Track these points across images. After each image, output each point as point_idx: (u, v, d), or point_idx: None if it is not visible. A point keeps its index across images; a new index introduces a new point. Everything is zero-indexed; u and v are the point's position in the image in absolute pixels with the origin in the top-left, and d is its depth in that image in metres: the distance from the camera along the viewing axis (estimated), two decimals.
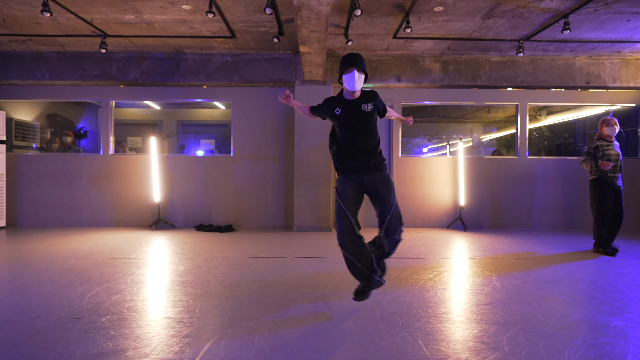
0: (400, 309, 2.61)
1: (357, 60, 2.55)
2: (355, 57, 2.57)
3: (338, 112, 2.61)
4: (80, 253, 4.26)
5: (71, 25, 4.88)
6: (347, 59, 2.56)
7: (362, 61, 2.57)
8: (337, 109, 2.62)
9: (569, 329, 2.31)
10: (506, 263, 3.96)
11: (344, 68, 2.56)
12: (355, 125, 2.61)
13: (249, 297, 2.84)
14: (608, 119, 4.46)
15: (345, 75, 2.56)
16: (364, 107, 2.60)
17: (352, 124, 2.60)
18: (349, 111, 2.60)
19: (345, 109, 2.61)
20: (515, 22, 4.76)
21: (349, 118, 2.60)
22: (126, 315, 2.45)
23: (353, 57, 2.56)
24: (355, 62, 2.54)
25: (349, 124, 2.61)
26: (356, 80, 2.53)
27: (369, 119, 2.61)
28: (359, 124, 2.60)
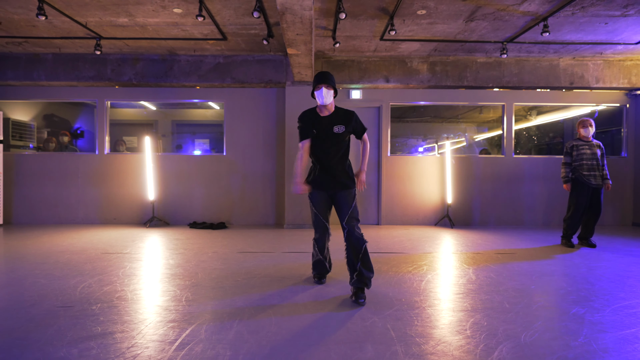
0: (376, 298, 2.76)
1: (325, 77, 2.79)
2: (324, 75, 2.81)
3: (313, 133, 2.86)
4: (74, 249, 4.40)
5: (66, 28, 5.02)
6: (317, 77, 2.81)
7: (330, 78, 2.80)
8: (313, 130, 2.85)
9: (531, 315, 2.46)
10: (485, 257, 4.11)
11: (314, 85, 2.81)
12: (327, 144, 2.84)
13: (233, 287, 2.98)
14: (584, 120, 4.65)
15: (316, 92, 2.83)
16: (336, 129, 2.82)
17: (324, 143, 2.85)
18: (321, 131, 2.84)
19: (318, 129, 2.84)
20: (497, 24, 4.91)
21: (321, 137, 2.85)
22: (116, 304, 2.59)
23: (322, 75, 2.81)
24: (324, 80, 2.78)
25: (321, 143, 2.86)
26: (324, 96, 2.77)
27: (338, 140, 2.83)
28: (330, 144, 2.84)
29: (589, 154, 4.57)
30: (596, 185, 4.58)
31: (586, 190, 4.61)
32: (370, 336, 2.12)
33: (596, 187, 4.60)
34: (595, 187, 4.59)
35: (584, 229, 4.73)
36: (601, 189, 4.62)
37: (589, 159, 4.56)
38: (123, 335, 2.10)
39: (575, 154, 4.62)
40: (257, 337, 2.09)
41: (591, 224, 4.68)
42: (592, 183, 4.58)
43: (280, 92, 6.43)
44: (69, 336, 2.09)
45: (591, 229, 4.70)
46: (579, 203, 4.61)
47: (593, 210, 4.66)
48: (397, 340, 2.08)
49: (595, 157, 4.57)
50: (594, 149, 4.61)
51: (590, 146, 4.62)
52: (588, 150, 4.59)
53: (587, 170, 4.57)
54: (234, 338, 2.08)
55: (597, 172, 4.57)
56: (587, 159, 4.56)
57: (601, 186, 4.61)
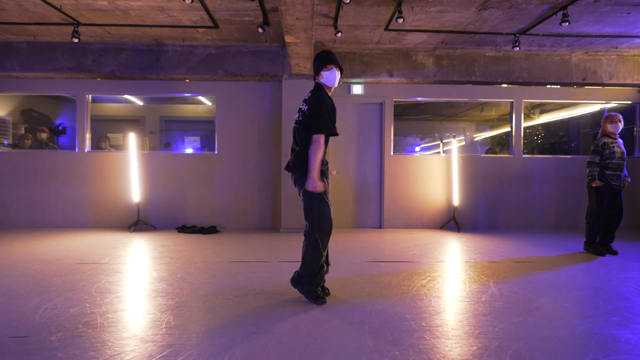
0: (391, 321, 2.35)
1: (335, 58, 2.59)
2: (333, 55, 2.60)
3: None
4: (46, 257, 3.93)
5: (39, 12, 4.53)
6: (327, 56, 2.55)
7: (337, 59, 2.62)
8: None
9: (577, 344, 2.08)
10: (503, 267, 3.74)
11: (324, 64, 2.54)
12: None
13: (223, 308, 2.56)
14: (612, 115, 4.29)
15: (327, 73, 2.53)
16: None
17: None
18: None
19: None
20: (512, 13, 4.54)
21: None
22: (81, 332, 2.16)
23: (332, 54, 2.58)
24: (336, 60, 2.57)
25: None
26: (336, 78, 2.59)
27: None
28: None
29: (620, 153, 4.23)
30: (616, 185, 4.24)
31: (608, 192, 4.28)
32: None
33: (617, 189, 4.27)
34: (616, 187, 4.25)
35: (605, 235, 4.37)
36: (621, 190, 4.29)
37: (619, 158, 4.22)
38: None
39: (608, 152, 4.25)
40: None
41: (614, 229, 4.33)
42: (612, 184, 4.25)
43: (276, 86, 5.99)
44: None
45: (612, 235, 4.36)
46: (603, 205, 4.26)
47: (614, 213, 4.32)
48: None
49: (622, 155, 4.24)
50: (621, 147, 4.29)
51: (618, 144, 4.29)
52: (618, 148, 4.25)
53: (612, 170, 4.23)
54: None
55: (621, 172, 4.25)
56: (617, 158, 4.22)
57: (621, 187, 4.27)
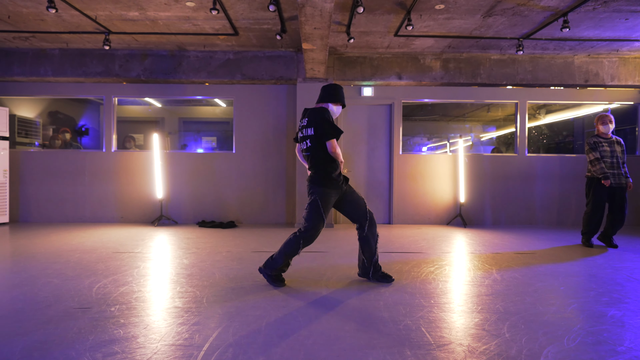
0: (403, 299, 2.66)
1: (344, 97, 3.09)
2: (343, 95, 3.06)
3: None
4: (84, 247, 4.30)
5: (75, 22, 4.92)
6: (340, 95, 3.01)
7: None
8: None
9: (568, 318, 2.37)
10: (506, 258, 4.02)
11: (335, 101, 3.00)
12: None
13: (254, 288, 2.89)
14: (603, 116, 4.51)
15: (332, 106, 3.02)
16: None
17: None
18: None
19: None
20: (515, 20, 4.81)
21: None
22: (135, 305, 2.50)
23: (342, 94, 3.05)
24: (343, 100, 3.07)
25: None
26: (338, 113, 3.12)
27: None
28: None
29: (608, 152, 4.44)
30: (616, 184, 4.44)
31: (605, 189, 4.48)
32: (407, 341, 2.02)
33: (617, 187, 4.46)
34: (616, 186, 4.45)
35: (606, 229, 4.57)
36: (624, 189, 4.46)
37: (608, 156, 4.44)
38: (146, 339, 2.01)
39: (600, 150, 4.49)
40: (289, 341, 2.00)
41: (615, 226, 4.51)
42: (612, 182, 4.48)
43: (290, 89, 6.33)
44: (91, 340, 1.99)
45: (614, 231, 4.56)
46: (597, 202, 4.49)
47: (615, 213, 4.49)
48: (435, 345, 1.98)
49: (615, 154, 4.45)
50: (613, 146, 4.48)
51: (609, 143, 4.50)
52: (607, 147, 4.47)
53: (607, 169, 4.46)
54: (264, 342, 1.98)
55: (616, 170, 4.44)
56: (606, 157, 4.44)
57: (623, 185, 4.45)
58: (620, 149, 4.50)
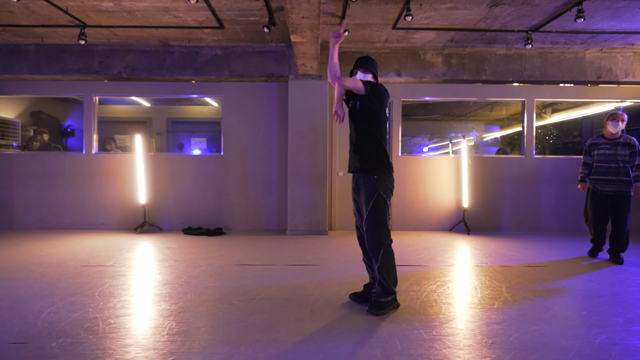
0: (400, 330, 2.27)
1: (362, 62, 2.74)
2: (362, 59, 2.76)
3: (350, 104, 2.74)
4: (52, 260, 3.92)
5: (46, 14, 4.54)
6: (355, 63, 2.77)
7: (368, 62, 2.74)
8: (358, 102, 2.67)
9: (597, 355, 1.98)
10: (516, 272, 3.62)
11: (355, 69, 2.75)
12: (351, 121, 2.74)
13: (228, 314, 2.50)
14: (615, 114, 4.00)
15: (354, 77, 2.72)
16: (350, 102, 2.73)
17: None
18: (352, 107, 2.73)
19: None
20: (524, 10, 4.41)
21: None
22: (82, 339, 2.11)
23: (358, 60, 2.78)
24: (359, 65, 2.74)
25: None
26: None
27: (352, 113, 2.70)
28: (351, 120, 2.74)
29: (608, 155, 3.95)
30: (614, 192, 3.92)
31: (600, 198, 4.00)
32: None
33: (615, 195, 3.93)
34: (614, 194, 3.93)
35: (611, 243, 4.05)
36: (624, 197, 3.92)
37: (605, 160, 3.96)
38: None
39: (596, 153, 4.04)
40: None
41: (615, 237, 4.00)
42: (599, 189, 3.98)
43: (282, 87, 5.94)
44: None
45: (616, 244, 4.00)
46: (594, 212, 4.06)
47: (614, 225, 4.00)
48: None
49: (616, 158, 3.92)
50: (617, 149, 3.94)
51: (613, 145, 3.97)
52: (609, 150, 3.97)
53: (601, 174, 3.97)
54: None
55: (614, 177, 3.91)
56: (604, 161, 3.96)
57: (623, 194, 3.91)
58: (627, 151, 3.93)
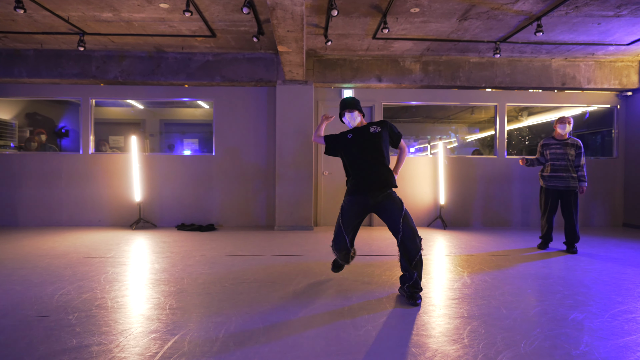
0: (369, 305, 2.65)
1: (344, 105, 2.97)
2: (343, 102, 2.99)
3: (350, 136, 2.93)
4: (55, 252, 4.22)
5: (48, 23, 4.83)
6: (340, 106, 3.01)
7: (350, 104, 2.96)
8: (349, 134, 2.95)
9: (530, 321, 2.39)
10: (480, 260, 4.04)
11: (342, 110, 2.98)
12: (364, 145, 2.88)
13: (220, 294, 2.85)
14: (562, 117, 4.46)
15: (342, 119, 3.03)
16: (372, 129, 2.91)
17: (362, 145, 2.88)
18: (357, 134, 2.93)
19: (355, 132, 2.94)
20: (490, 23, 4.86)
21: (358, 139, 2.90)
22: (94, 313, 2.45)
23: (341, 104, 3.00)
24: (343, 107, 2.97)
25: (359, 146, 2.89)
26: (350, 120, 2.98)
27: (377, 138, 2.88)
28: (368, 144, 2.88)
29: (559, 154, 4.41)
30: (563, 187, 4.37)
31: (551, 193, 4.47)
32: (365, 347, 2.01)
33: (564, 190, 4.39)
34: (563, 189, 4.39)
35: (565, 235, 4.50)
36: (572, 193, 4.37)
37: (557, 159, 4.41)
38: (100, 349, 1.96)
39: (548, 152, 4.51)
40: (244, 349, 1.97)
41: (567, 230, 4.44)
42: (550, 184, 4.44)
43: (271, 91, 6.30)
44: (41, 350, 1.94)
45: (569, 236, 4.44)
46: (545, 205, 4.53)
47: (564, 215, 4.45)
48: (392, 351, 1.97)
49: (565, 157, 4.38)
50: (567, 149, 4.39)
51: (563, 145, 4.42)
52: (559, 149, 4.42)
53: (552, 172, 4.43)
54: (219, 350, 1.95)
55: (565, 174, 4.37)
56: (555, 159, 4.43)
57: (572, 189, 4.36)
58: (574, 151, 4.38)
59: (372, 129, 2.87)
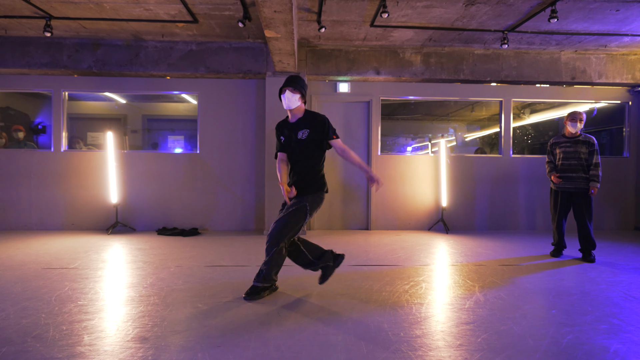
0: (367, 332, 2.20)
1: (291, 80, 2.72)
2: (290, 78, 2.74)
3: (282, 139, 2.83)
4: (12, 262, 3.72)
5: (7, 4, 4.32)
6: (284, 81, 2.75)
7: (298, 82, 2.73)
8: (282, 136, 2.83)
9: (563, 355, 1.95)
10: (490, 270, 3.61)
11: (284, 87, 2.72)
12: (293, 150, 2.75)
13: (190, 318, 2.39)
14: (574, 113, 4.07)
15: (281, 96, 2.77)
16: (300, 134, 2.72)
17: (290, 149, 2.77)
18: (288, 137, 2.78)
19: (286, 135, 2.79)
20: (499, 9, 4.43)
21: (288, 144, 2.78)
22: (28, 347, 1.97)
23: (288, 78, 2.75)
24: (288, 83, 2.71)
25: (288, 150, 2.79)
26: (288, 99, 2.70)
27: (303, 146, 2.71)
28: (296, 150, 2.74)
29: (569, 153, 4.04)
30: (573, 189, 4.01)
31: (561, 195, 4.10)
32: None
33: (574, 192, 4.02)
34: (574, 191, 4.02)
35: (580, 242, 4.09)
36: (582, 194, 3.99)
37: (567, 158, 4.05)
38: None
39: (558, 151, 4.14)
40: None
41: (580, 235, 4.05)
42: (559, 186, 4.09)
43: (260, 84, 5.83)
44: None
45: (584, 242, 4.04)
46: (555, 209, 4.17)
47: (576, 219, 4.07)
48: None
49: (576, 156, 4.00)
50: (578, 147, 4.01)
51: (574, 143, 4.05)
52: (570, 148, 4.05)
53: (562, 172, 4.06)
54: None
55: (574, 174, 4.00)
56: (565, 158, 4.06)
57: (582, 190, 3.98)
58: (587, 149, 3.99)
59: (300, 134, 2.71)
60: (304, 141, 2.71)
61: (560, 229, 4.18)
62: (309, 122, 2.74)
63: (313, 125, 2.72)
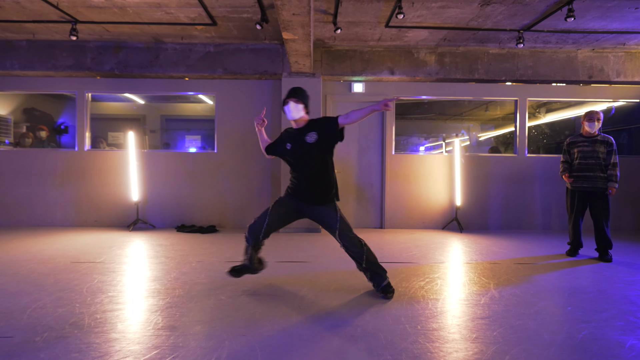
0: (385, 324, 2.28)
1: (294, 92, 2.74)
2: (293, 90, 2.76)
3: (289, 147, 2.79)
4: (42, 256, 3.90)
5: (37, 10, 4.51)
6: (287, 93, 2.77)
7: (300, 93, 2.75)
8: (288, 144, 2.79)
9: (579, 350, 2.00)
10: (505, 269, 3.64)
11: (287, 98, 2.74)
12: (301, 156, 2.74)
13: (215, 309, 2.50)
14: (591, 112, 4.05)
15: (284, 107, 2.77)
16: (308, 138, 2.70)
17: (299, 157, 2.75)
18: (294, 143, 2.76)
19: (293, 142, 2.77)
20: (515, 9, 4.44)
21: (295, 151, 2.75)
22: (67, 333, 2.11)
23: (291, 90, 2.77)
24: (291, 94, 2.73)
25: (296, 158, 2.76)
26: (292, 110, 2.71)
27: (314, 150, 2.69)
28: (306, 155, 2.72)
29: (587, 152, 4.02)
30: (590, 188, 3.99)
31: (577, 195, 4.09)
32: None
33: (591, 192, 4.01)
34: (591, 190, 4.00)
35: (596, 241, 4.09)
36: (600, 194, 3.97)
37: (584, 157, 4.02)
38: None
39: (575, 150, 4.11)
40: None
41: (597, 235, 4.05)
42: (575, 185, 4.07)
43: (276, 85, 5.94)
44: None
45: (600, 241, 4.03)
46: (571, 209, 4.16)
47: (593, 219, 4.05)
48: None
49: (594, 155, 3.98)
50: (596, 146, 3.99)
51: (591, 142, 4.03)
52: (587, 147, 4.03)
53: (579, 171, 4.04)
54: None
55: (592, 173, 3.98)
56: (583, 158, 4.04)
57: (599, 190, 3.97)
58: (605, 149, 3.98)
59: (309, 138, 2.69)
60: (314, 145, 2.68)
61: (576, 228, 4.18)
62: (315, 125, 2.72)
63: (319, 126, 2.70)
